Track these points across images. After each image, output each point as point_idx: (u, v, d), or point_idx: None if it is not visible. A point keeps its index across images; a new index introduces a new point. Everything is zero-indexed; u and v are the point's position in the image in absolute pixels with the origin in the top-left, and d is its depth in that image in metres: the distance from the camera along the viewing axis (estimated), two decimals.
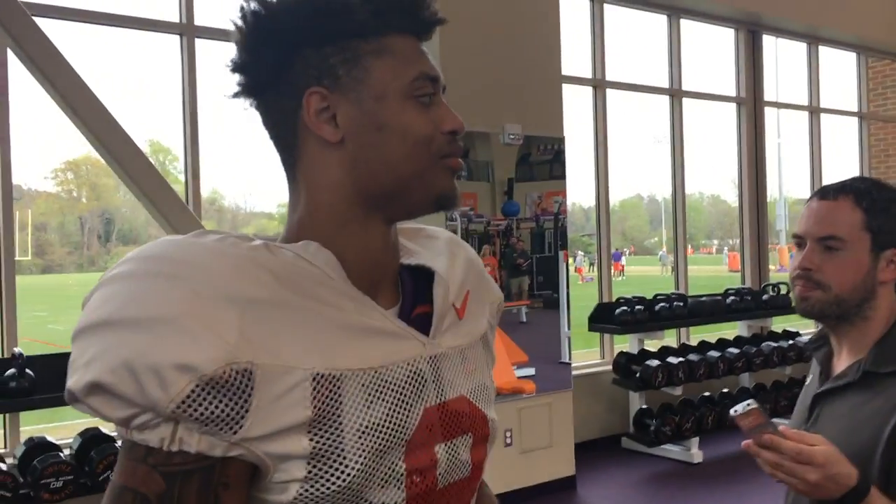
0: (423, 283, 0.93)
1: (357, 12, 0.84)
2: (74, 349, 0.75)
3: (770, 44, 7.63)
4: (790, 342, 6.56)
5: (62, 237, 37.32)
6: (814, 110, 8.21)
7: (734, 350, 6.24)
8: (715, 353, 6.14)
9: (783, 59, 8.39)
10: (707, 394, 6.06)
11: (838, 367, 1.47)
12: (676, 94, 6.96)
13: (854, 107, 8.82)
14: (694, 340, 6.58)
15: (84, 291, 0.79)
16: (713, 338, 6.56)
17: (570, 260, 5.58)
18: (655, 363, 5.69)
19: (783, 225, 23.15)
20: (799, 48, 8.12)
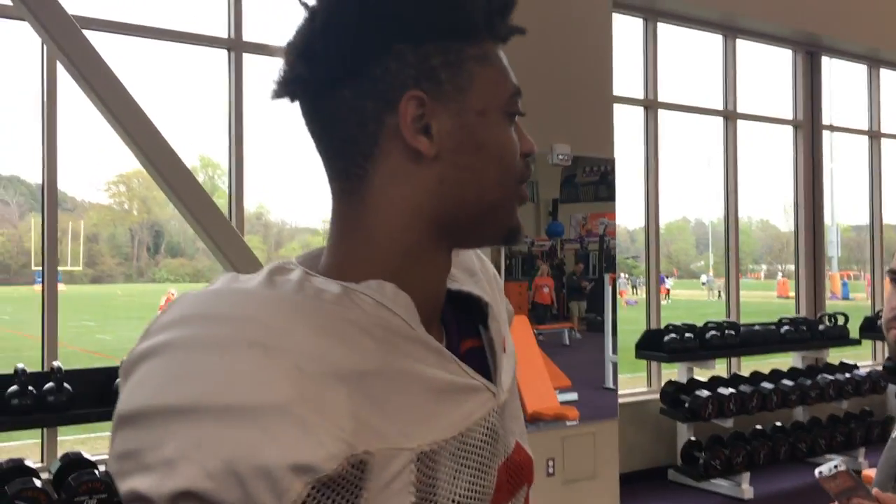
0: (464, 311, 0.82)
1: (472, 9, 0.72)
2: (136, 436, 0.60)
3: (826, 65, 7.41)
4: (847, 375, 6.32)
5: (112, 248, 38.14)
6: (874, 135, 7.95)
7: (788, 382, 6.03)
8: (768, 385, 5.93)
9: (838, 82, 8.16)
10: (759, 427, 5.86)
11: None
12: (731, 116, 6.79)
13: None
14: (745, 370, 6.37)
15: (131, 303, 0.66)
16: (765, 368, 6.34)
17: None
18: (706, 394, 5.51)
19: (835, 252, 22.61)
20: (858, 70, 7.88)
